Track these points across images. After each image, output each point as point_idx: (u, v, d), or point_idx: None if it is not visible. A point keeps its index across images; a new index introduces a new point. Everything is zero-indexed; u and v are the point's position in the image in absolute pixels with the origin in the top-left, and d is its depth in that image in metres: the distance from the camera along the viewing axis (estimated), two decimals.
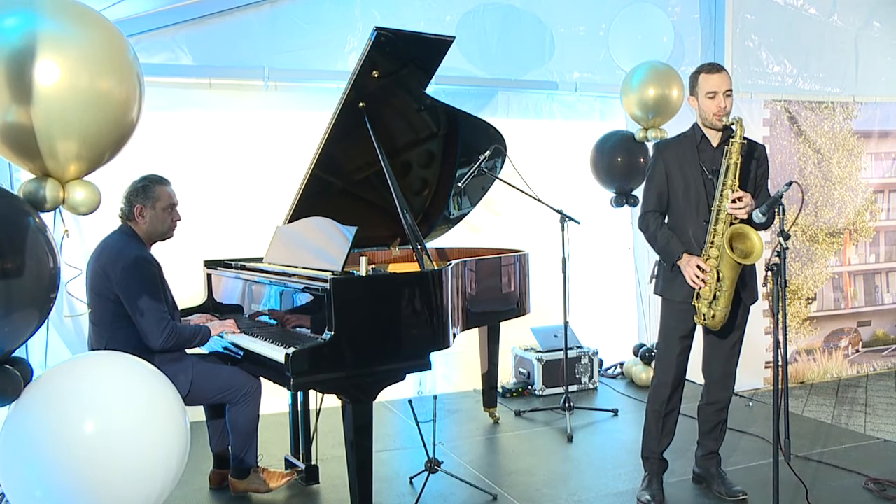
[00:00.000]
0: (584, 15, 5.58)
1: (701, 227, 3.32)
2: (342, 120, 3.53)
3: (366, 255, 3.40)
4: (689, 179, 3.34)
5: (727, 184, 3.23)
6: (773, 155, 5.88)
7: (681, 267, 3.31)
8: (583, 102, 5.64)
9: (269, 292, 3.41)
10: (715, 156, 3.34)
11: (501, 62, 5.35)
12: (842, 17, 6.26)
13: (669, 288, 3.41)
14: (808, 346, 6.10)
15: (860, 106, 6.17)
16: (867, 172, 6.25)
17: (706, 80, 3.30)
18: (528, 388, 5.29)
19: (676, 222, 3.40)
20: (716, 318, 3.29)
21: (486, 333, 4.54)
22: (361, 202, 4.04)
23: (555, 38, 5.50)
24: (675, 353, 3.42)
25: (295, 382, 2.88)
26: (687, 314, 3.36)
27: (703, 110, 3.33)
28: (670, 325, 3.43)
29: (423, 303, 3.18)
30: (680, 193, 3.36)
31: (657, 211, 3.42)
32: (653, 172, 3.43)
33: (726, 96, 3.28)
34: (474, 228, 5.18)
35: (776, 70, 6.15)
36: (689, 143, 3.40)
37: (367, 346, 3.01)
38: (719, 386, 3.53)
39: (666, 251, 3.35)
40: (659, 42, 5.21)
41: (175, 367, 3.16)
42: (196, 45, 4.62)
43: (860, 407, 5.30)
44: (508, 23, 5.36)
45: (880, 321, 6.40)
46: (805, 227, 6.02)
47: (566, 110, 5.61)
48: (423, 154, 4.15)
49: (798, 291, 6.04)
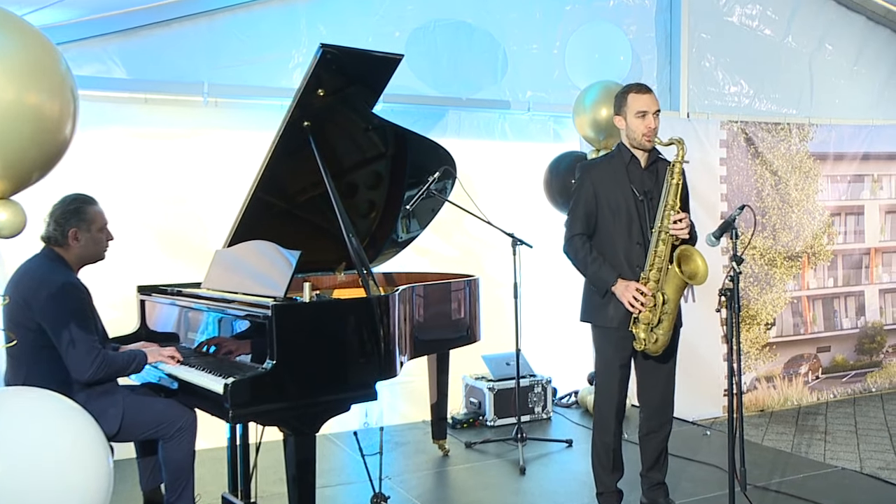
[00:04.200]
0: (537, 32, 5.76)
1: (634, 251, 3.41)
2: (286, 139, 3.58)
3: (310, 281, 3.44)
4: (619, 201, 3.43)
5: (669, 204, 3.35)
6: (731, 177, 6.11)
7: (617, 293, 3.38)
8: (536, 122, 5.80)
9: (207, 320, 3.43)
10: (644, 177, 3.46)
11: (452, 80, 5.48)
12: (796, 39, 6.58)
13: (600, 314, 3.47)
14: (768, 373, 6.31)
15: (815, 128, 6.45)
16: (824, 195, 6.53)
17: (636, 99, 3.44)
18: (479, 418, 5.35)
19: (606, 246, 3.46)
20: (658, 342, 3.38)
21: (435, 362, 4.60)
22: (306, 225, 4.08)
23: (508, 55, 5.66)
24: (616, 382, 3.50)
25: (234, 414, 2.90)
26: (625, 341, 3.43)
27: (631, 130, 3.45)
28: (608, 353, 3.50)
29: (368, 330, 3.23)
30: (610, 216, 3.44)
31: (584, 234, 3.48)
32: (580, 194, 3.50)
33: (655, 116, 3.43)
34: (423, 252, 5.25)
35: (732, 90, 6.42)
36: (617, 164, 3.50)
37: (310, 375, 3.05)
38: (659, 414, 3.61)
39: (598, 277, 3.41)
40: (615, 61, 5.41)
41: (104, 402, 3.14)
42: (130, 58, 4.63)
43: (820, 435, 5.50)
44: (460, 39, 5.50)
45: (840, 347, 6.66)
46: (763, 250, 6.25)
47: (519, 130, 5.75)
48: (370, 175, 4.21)
49: (757, 316, 6.25)
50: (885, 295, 6.82)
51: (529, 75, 5.74)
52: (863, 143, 6.62)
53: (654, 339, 3.37)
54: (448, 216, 4.75)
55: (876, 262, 6.77)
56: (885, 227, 6.80)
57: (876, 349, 6.79)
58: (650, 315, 3.35)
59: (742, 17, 6.42)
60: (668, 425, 3.63)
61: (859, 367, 6.73)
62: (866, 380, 6.74)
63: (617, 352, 3.48)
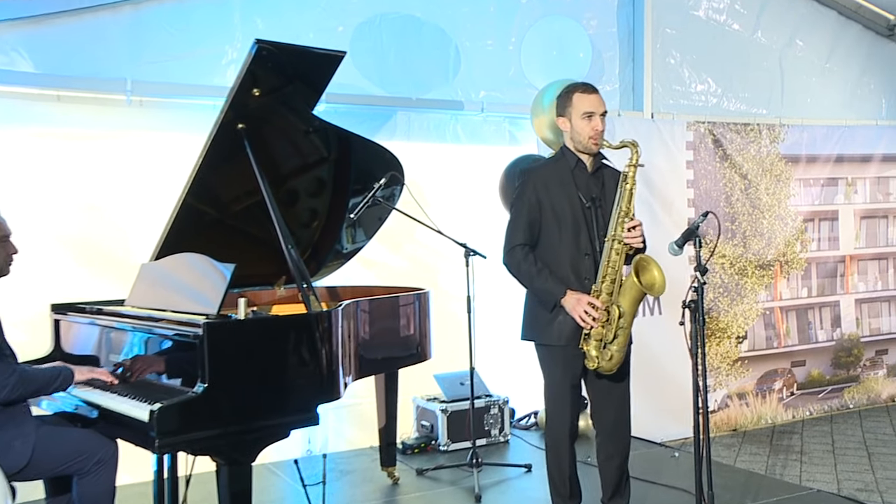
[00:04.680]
0: (491, 27, 5.82)
1: (582, 262, 3.46)
2: (219, 142, 3.59)
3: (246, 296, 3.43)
4: (565, 209, 3.47)
5: (623, 211, 3.42)
6: (698, 181, 6.25)
7: (566, 307, 3.40)
8: (490, 124, 5.86)
9: (131, 340, 3.41)
10: (590, 183, 3.53)
11: (401, 79, 5.51)
12: (765, 34, 6.77)
13: (546, 332, 3.50)
14: (741, 390, 6.45)
15: (787, 129, 6.64)
16: (796, 199, 6.71)
17: (581, 99, 3.49)
18: (432, 443, 5.37)
19: (551, 256, 3.49)
20: (613, 360, 3.41)
21: (384, 382, 4.61)
22: (241, 236, 4.08)
23: (460, 52, 5.71)
24: (567, 403, 3.53)
25: (161, 443, 2.89)
26: (575, 360, 3.47)
27: (576, 133, 3.50)
28: (557, 374, 3.54)
29: (309, 349, 3.26)
30: (555, 224, 3.48)
31: (527, 245, 3.51)
32: (522, 201, 3.52)
33: (602, 118, 3.49)
34: (370, 264, 5.28)
35: (699, 89, 6.57)
36: (562, 169, 3.54)
37: (245, 398, 3.06)
38: (616, 436, 3.63)
39: (545, 290, 3.44)
40: (575, 58, 5.52)
41: (11, 433, 3.05)
42: (38, 49, 4.55)
43: (795, 455, 5.63)
44: (408, 35, 5.54)
45: (815, 360, 6.83)
46: (733, 258, 6.40)
47: (472, 132, 5.81)
48: (311, 181, 4.23)
49: (728, 329, 6.39)
50: (861, 305, 7.02)
51: (483, 74, 5.80)
52: (836, 144, 6.83)
53: (609, 356, 3.41)
54: (396, 225, 4.76)
55: (851, 271, 6.97)
56: (861, 234, 7.01)
57: (853, 363, 6.98)
58: (603, 330, 3.40)
59: (709, 10, 6.58)
60: (626, 448, 3.66)
61: (836, 382, 6.91)
62: (843, 396, 6.93)
63: (566, 372, 3.51)
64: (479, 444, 4.84)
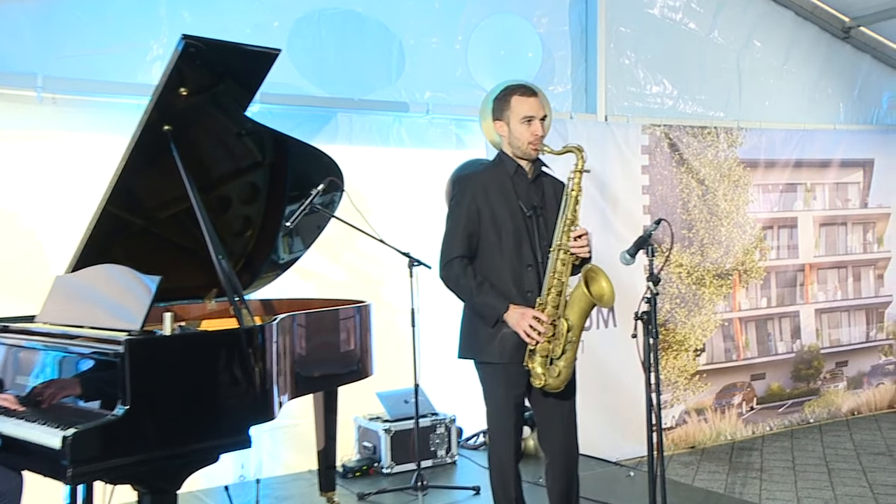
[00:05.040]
0: (437, 24, 5.84)
1: (524, 274, 3.48)
2: (143, 145, 3.53)
3: (172, 311, 3.39)
4: (505, 218, 3.49)
5: (569, 219, 3.44)
6: (654, 187, 6.35)
7: (510, 322, 3.41)
8: (436, 126, 5.87)
9: (43, 360, 3.32)
10: (530, 190, 3.56)
11: (341, 78, 5.50)
12: (722, 34, 6.90)
13: (486, 349, 3.50)
14: (699, 405, 6.55)
15: (745, 132, 6.78)
16: (755, 206, 6.86)
17: (521, 102, 3.52)
18: (374, 465, 5.35)
19: (490, 269, 3.51)
20: (561, 376, 3.43)
21: (322, 401, 4.54)
22: (168, 246, 4.03)
23: (404, 50, 5.71)
24: (511, 424, 3.54)
25: (75, 473, 2.81)
26: (518, 377, 3.47)
27: (515, 138, 3.54)
28: (499, 393, 3.53)
29: (241, 366, 3.23)
30: (495, 235, 3.49)
31: (465, 257, 3.52)
32: (459, 210, 3.53)
33: (542, 122, 3.53)
34: (308, 275, 5.25)
35: (655, 91, 6.67)
36: (501, 176, 3.57)
37: (171, 421, 3.01)
38: (564, 457, 3.63)
39: (487, 305, 3.44)
40: (524, 58, 5.55)
41: None
42: None
43: (755, 473, 5.74)
44: (349, 32, 5.53)
45: (775, 373, 6.98)
46: (690, 267, 6.50)
47: (417, 135, 5.82)
48: (244, 187, 4.20)
49: (685, 342, 6.49)
50: (821, 315, 7.19)
51: (429, 74, 5.80)
52: (794, 149, 7.01)
53: (556, 372, 3.43)
54: (337, 234, 4.75)
55: (811, 280, 7.14)
56: (820, 241, 7.19)
57: (813, 375, 7.15)
58: (549, 346, 3.42)
59: (664, 9, 6.68)
60: (575, 468, 3.68)
61: (796, 395, 7.07)
62: (804, 409, 7.09)
63: (509, 390, 3.52)
64: (424, 466, 4.84)
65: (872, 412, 7.41)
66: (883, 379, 7.53)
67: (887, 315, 7.58)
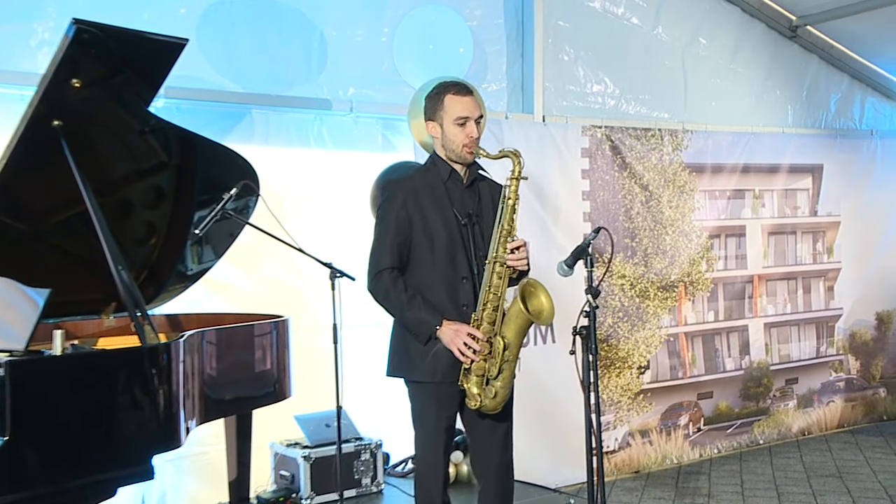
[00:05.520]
0: (361, 15, 5.80)
1: (459, 287, 3.51)
2: (29, 142, 3.46)
3: (64, 328, 3.33)
4: (438, 226, 3.51)
5: (506, 229, 3.47)
6: (594, 192, 6.41)
7: (444, 339, 3.43)
8: (362, 126, 5.82)
9: None
10: (465, 196, 3.59)
11: (256, 72, 5.42)
12: (667, 30, 7.01)
13: (418, 367, 3.52)
14: (643, 426, 6.62)
15: (690, 135, 6.90)
16: (701, 213, 6.98)
17: (454, 102, 3.54)
18: (293, 496, 5.26)
19: (423, 282, 3.53)
20: (497, 397, 3.45)
21: (235, 426, 4.53)
22: (59, 255, 3.96)
23: (326, 42, 5.67)
24: (441, 449, 3.56)
25: None
26: (451, 398, 3.51)
27: (448, 140, 3.56)
28: (429, 415, 3.55)
29: (143, 389, 3.18)
30: (427, 245, 3.51)
31: (395, 268, 3.53)
32: (389, 218, 3.55)
33: (477, 123, 3.56)
34: (219, 288, 5.19)
35: (595, 90, 6.74)
36: (434, 181, 3.60)
37: (60, 452, 2.94)
38: (498, 484, 3.66)
39: (419, 320, 3.46)
40: (454, 53, 5.55)
41: None
42: None
43: (703, 498, 5.83)
44: (265, 21, 5.46)
45: (723, 392, 7.09)
46: (634, 279, 6.57)
47: (340, 136, 5.75)
48: (148, 191, 4.15)
49: (629, 358, 6.55)
50: (770, 329, 7.35)
51: (353, 68, 5.76)
52: (742, 153, 7.16)
53: (493, 393, 3.44)
54: (252, 242, 4.71)
55: (760, 292, 7.29)
56: (769, 251, 7.35)
57: (762, 394, 7.29)
58: (485, 364, 3.43)
59: (606, 2, 6.76)
60: (510, 496, 3.71)
61: (745, 415, 7.20)
62: (753, 430, 7.22)
63: (441, 411, 3.54)
64: (347, 497, 4.80)
65: (823, 432, 7.60)
66: (833, 397, 7.72)
67: (837, 329, 7.78)
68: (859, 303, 7.89)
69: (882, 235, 8.01)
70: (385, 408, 5.78)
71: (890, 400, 8.06)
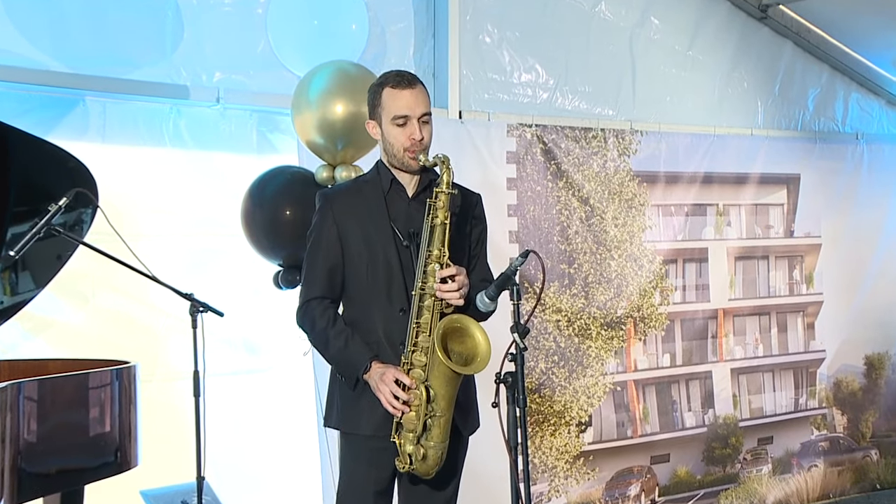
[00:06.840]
0: None
1: (396, 320, 3.54)
2: None
3: None
4: (375, 248, 3.56)
5: (433, 255, 3.48)
6: (523, 207, 6.40)
7: (371, 384, 3.46)
8: (231, 121, 5.76)
9: None
10: (411, 211, 3.62)
11: (91, 50, 5.31)
12: (611, 8, 7.04)
13: (349, 416, 3.58)
14: (585, 498, 6.61)
15: (640, 136, 6.95)
16: (654, 233, 7.02)
17: (392, 97, 3.57)
18: None
19: (358, 313, 3.61)
20: (428, 459, 3.46)
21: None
22: None
23: (182, 14, 5.57)
24: None
25: None
26: (384, 455, 3.52)
27: (388, 143, 3.61)
28: (358, 474, 3.60)
29: None
30: (363, 269, 3.57)
31: (326, 297, 3.59)
32: (319, 239, 3.61)
33: (423, 123, 3.58)
34: (42, 326, 5.09)
35: (525, 79, 6.75)
36: (372, 193, 3.64)
37: None
38: None
39: (345, 359, 3.52)
40: (346, 31, 5.49)
41: None
42: None
43: None
44: None
45: (682, 454, 7.12)
46: (572, 314, 6.57)
47: (204, 133, 5.69)
48: None
49: (566, 413, 6.54)
50: (738, 376, 7.43)
51: (219, 47, 5.68)
52: (703, 158, 7.23)
53: (422, 454, 3.45)
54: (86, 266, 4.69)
55: (725, 330, 7.37)
56: (736, 280, 7.43)
57: (730, 457, 7.34)
58: (415, 418, 3.44)
59: None
60: None
61: (709, 483, 7.25)
62: (719, 502, 7.25)
63: (371, 471, 3.58)
64: None
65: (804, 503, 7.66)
66: (815, 460, 7.79)
67: (820, 376, 7.86)
68: (845, 344, 7.99)
69: (870, 261, 8.14)
70: (266, 475, 5.69)
71: (883, 464, 8.15)
